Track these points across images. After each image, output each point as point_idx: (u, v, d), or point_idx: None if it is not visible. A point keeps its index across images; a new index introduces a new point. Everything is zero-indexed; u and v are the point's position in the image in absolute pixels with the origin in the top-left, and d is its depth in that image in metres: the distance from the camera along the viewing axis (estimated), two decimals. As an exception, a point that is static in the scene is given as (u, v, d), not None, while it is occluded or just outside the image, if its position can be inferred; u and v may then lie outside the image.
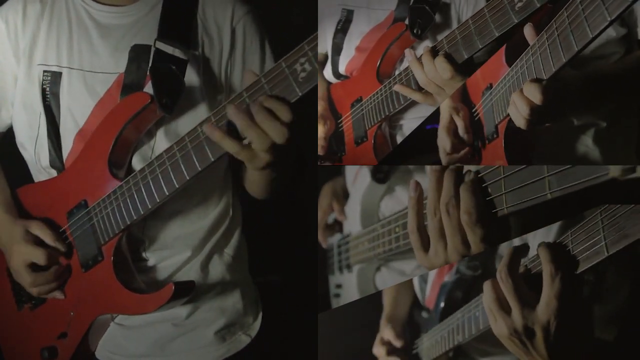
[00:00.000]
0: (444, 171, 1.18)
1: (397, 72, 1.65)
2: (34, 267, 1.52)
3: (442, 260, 1.20)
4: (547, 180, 1.05)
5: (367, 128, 1.71)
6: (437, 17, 1.57)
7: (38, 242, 1.52)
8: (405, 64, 1.63)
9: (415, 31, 1.58)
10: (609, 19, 1.06)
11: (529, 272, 1.16)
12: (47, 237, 1.52)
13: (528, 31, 1.28)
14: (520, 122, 1.28)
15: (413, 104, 1.62)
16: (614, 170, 0.95)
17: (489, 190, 1.15)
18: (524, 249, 1.16)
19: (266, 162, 1.28)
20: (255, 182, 1.58)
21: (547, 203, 1.07)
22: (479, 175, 1.17)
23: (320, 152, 1.82)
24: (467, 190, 1.14)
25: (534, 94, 1.24)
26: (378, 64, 1.67)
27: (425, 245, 1.23)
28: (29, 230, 1.53)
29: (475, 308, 1.42)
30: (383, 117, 1.66)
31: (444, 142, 1.49)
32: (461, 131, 1.48)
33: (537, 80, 1.24)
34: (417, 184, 1.25)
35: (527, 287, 1.13)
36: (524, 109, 1.26)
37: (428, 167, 1.21)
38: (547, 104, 1.23)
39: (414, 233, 1.24)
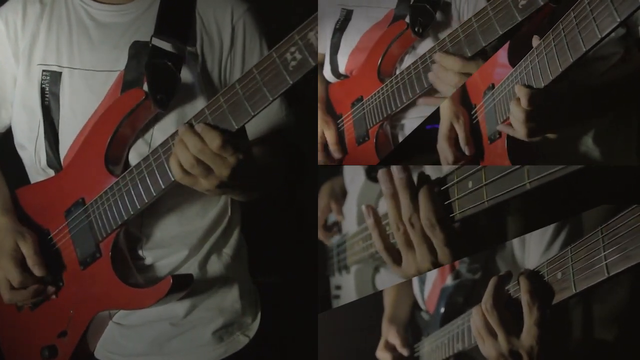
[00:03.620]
0: (395, 188, 1.22)
1: (397, 72, 1.65)
2: (12, 285, 1.51)
3: (415, 270, 1.24)
4: (526, 169, 1.05)
5: (368, 127, 1.70)
6: (438, 16, 1.57)
7: (20, 263, 1.50)
8: (406, 64, 1.63)
9: (416, 30, 1.57)
10: (618, 19, 1.05)
11: (512, 298, 1.21)
12: (29, 257, 1.50)
13: (535, 42, 1.29)
14: (520, 132, 1.30)
15: (414, 104, 1.62)
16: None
17: (449, 193, 1.18)
18: (506, 277, 1.22)
19: (205, 188, 1.31)
20: None
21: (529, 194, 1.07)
22: (440, 178, 1.20)
23: (337, 155, 1.81)
24: (425, 197, 1.18)
25: (522, 97, 1.27)
26: (379, 63, 1.66)
27: (397, 259, 1.27)
28: (18, 246, 1.51)
29: None
30: (385, 116, 1.66)
31: (445, 152, 1.51)
32: (462, 142, 1.50)
33: (527, 86, 1.28)
34: (369, 207, 1.31)
35: (512, 313, 1.18)
36: (518, 115, 1.28)
37: (380, 178, 1.25)
38: (540, 111, 1.26)
39: (383, 252, 1.29)
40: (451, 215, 1.17)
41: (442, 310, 1.60)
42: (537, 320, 1.13)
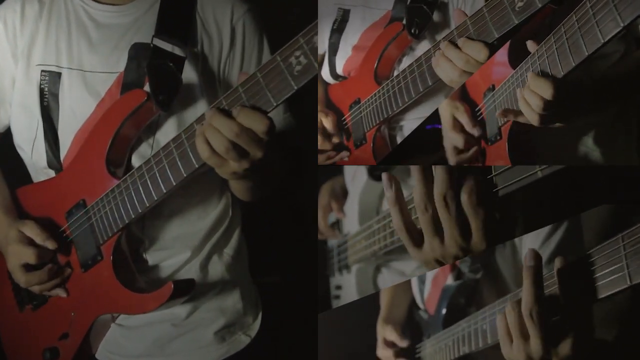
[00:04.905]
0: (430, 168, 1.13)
1: (395, 74, 1.64)
2: (27, 267, 1.50)
3: (438, 254, 1.15)
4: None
5: (365, 130, 1.70)
6: (435, 17, 1.56)
7: (30, 242, 1.50)
8: (404, 65, 1.62)
9: (412, 31, 1.56)
10: (622, 24, 1.04)
11: (547, 295, 1.14)
12: (37, 236, 1.50)
13: (530, 46, 1.29)
14: (533, 118, 1.26)
15: (412, 105, 1.61)
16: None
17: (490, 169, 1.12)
18: (540, 268, 1.12)
19: (233, 171, 1.27)
20: (234, 187, 1.59)
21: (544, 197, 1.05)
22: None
23: (336, 139, 1.79)
24: (470, 175, 1.10)
25: (545, 89, 1.22)
26: (375, 65, 1.66)
27: (417, 241, 1.17)
28: (21, 230, 1.51)
29: (482, 321, 1.40)
30: (382, 119, 1.65)
31: (455, 140, 1.49)
32: (467, 127, 1.48)
33: (545, 75, 1.23)
34: (391, 177, 1.19)
35: (547, 313, 1.11)
36: (536, 104, 1.24)
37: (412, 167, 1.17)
38: (559, 101, 1.22)
39: (402, 231, 1.18)
40: (494, 190, 1.10)
41: (444, 311, 1.60)
42: (578, 327, 1.08)
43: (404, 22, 1.59)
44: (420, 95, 1.56)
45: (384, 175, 1.20)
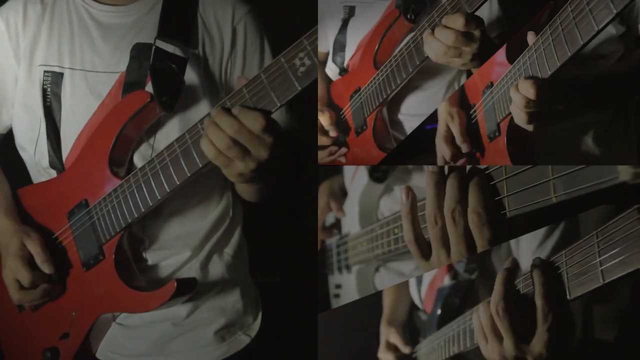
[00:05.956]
0: (443, 174, 1.13)
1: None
2: (21, 285, 1.50)
3: (445, 265, 1.18)
4: (552, 183, 1.00)
5: (365, 116, 1.70)
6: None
7: (29, 262, 1.50)
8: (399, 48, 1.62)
9: (408, 16, 1.55)
10: (614, 11, 1.06)
11: (523, 294, 1.14)
12: (37, 255, 1.50)
13: (530, 38, 1.29)
14: (521, 118, 1.28)
15: (409, 92, 1.62)
16: (624, 174, 0.90)
17: (497, 188, 1.10)
18: (514, 270, 1.14)
19: (239, 172, 1.27)
20: (241, 189, 1.59)
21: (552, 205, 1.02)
22: (487, 172, 1.12)
23: (332, 133, 1.79)
24: (476, 188, 1.09)
25: (528, 90, 1.24)
26: (375, 51, 1.66)
27: (426, 253, 1.18)
28: (25, 245, 1.51)
29: (470, 320, 1.39)
30: (381, 101, 1.64)
31: (443, 151, 1.50)
32: (458, 140, 1.49)
33: (531, 77, 1.26)
34: (409, 189, 1.19)
35: (522, 313, 1.10)
36: (519, 101, 1.26)
37: (426, 168, 1.15)
38: (544, 100, 1.24)
39: (412, 243, 1.19)
40: (502, 212, 1.09)
41: (439, 311, 1.59)
42: (550, 326, 1.06)
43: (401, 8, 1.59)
44: (416, 70, 1.54)
45: (402, 188, 1.21)
